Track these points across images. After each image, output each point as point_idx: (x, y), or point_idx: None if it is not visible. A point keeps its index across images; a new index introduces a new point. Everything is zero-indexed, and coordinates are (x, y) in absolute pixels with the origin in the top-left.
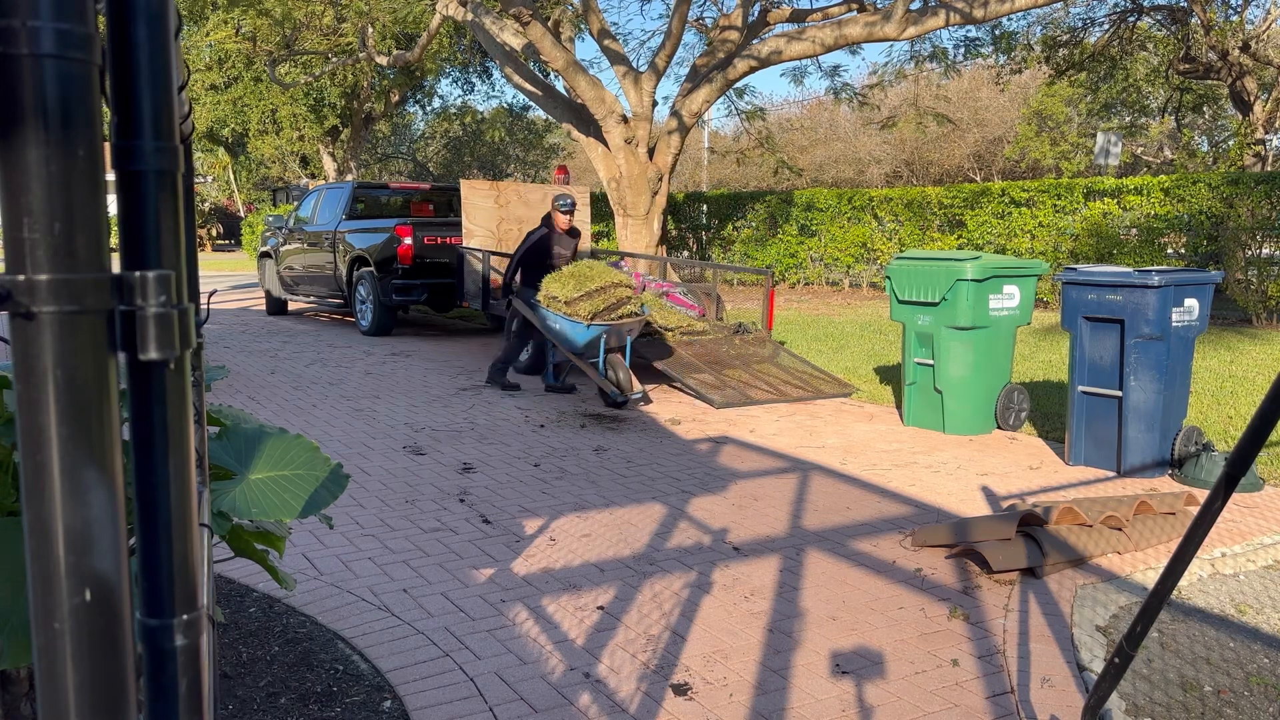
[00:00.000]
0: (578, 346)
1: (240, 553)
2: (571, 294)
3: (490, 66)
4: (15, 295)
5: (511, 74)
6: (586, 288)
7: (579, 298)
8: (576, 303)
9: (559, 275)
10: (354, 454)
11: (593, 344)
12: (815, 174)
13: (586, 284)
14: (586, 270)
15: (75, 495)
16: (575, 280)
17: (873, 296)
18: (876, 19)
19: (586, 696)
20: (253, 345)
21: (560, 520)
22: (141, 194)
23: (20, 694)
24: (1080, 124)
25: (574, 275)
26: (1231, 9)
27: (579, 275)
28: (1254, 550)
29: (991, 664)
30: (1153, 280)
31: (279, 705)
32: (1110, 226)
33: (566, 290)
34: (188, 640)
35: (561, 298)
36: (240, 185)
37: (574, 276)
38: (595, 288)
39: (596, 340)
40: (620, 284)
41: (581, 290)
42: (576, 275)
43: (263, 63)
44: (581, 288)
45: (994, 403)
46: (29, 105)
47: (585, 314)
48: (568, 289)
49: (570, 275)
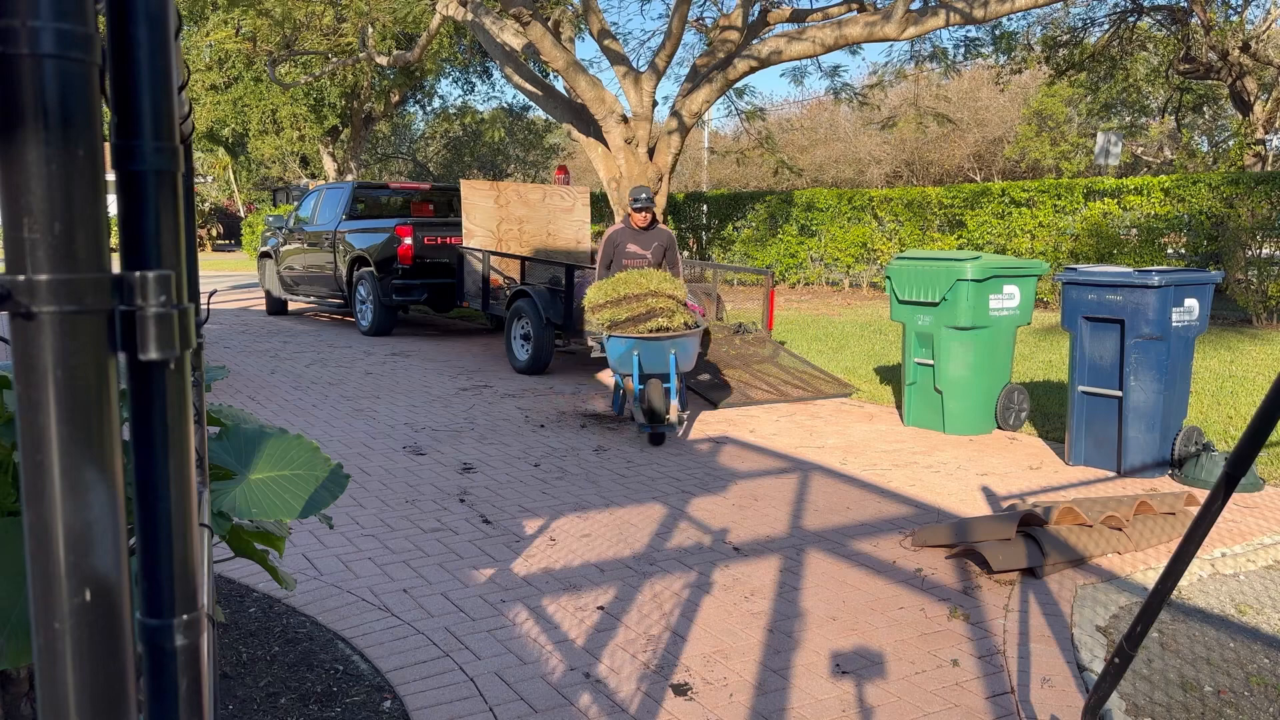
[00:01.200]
0: (611, 361)
1: (240, 553)
2: (598, 299)
3: (490, 66)
4: (15, 295)
5: (511, 74)
6: (615, 294)
7: (604, 304)
8: (600, 309)
9: (604, 280)
10: (354, 454)
11: (624, 359)
12: (815, 174)
13: (619, 289)
14: (633, 277)
15: (75, 495)
16: (611, 285)
17: (873, 296)
18: (877, 19)
19: (587, 696)
20: (253, 345)
21: (560, 520)
22: (141, 194)
23: (20, 694)
24: (1080, 124)
25: (617, 281)
26: (1232, 9)
27: (620, 281)
28: (1254, 550)
29: (992, 664)
30: (1153, 280)
31: (279, 705)
32: (1110, 226)
33: (598, 295)
34: (188, 640)
35: (589, 304)
36: (240, 185)
37: (615, 282)
38: (624, 295)
39: (627, 356)
40: (657, 293)
41: (608, 296)
42: (618, 281)
43: (263, 63)
44: (611, 294)
45: (994, 403)
46: (29, 105)
47: (602, 322)
48: (598, 295)
49: (614, 281)
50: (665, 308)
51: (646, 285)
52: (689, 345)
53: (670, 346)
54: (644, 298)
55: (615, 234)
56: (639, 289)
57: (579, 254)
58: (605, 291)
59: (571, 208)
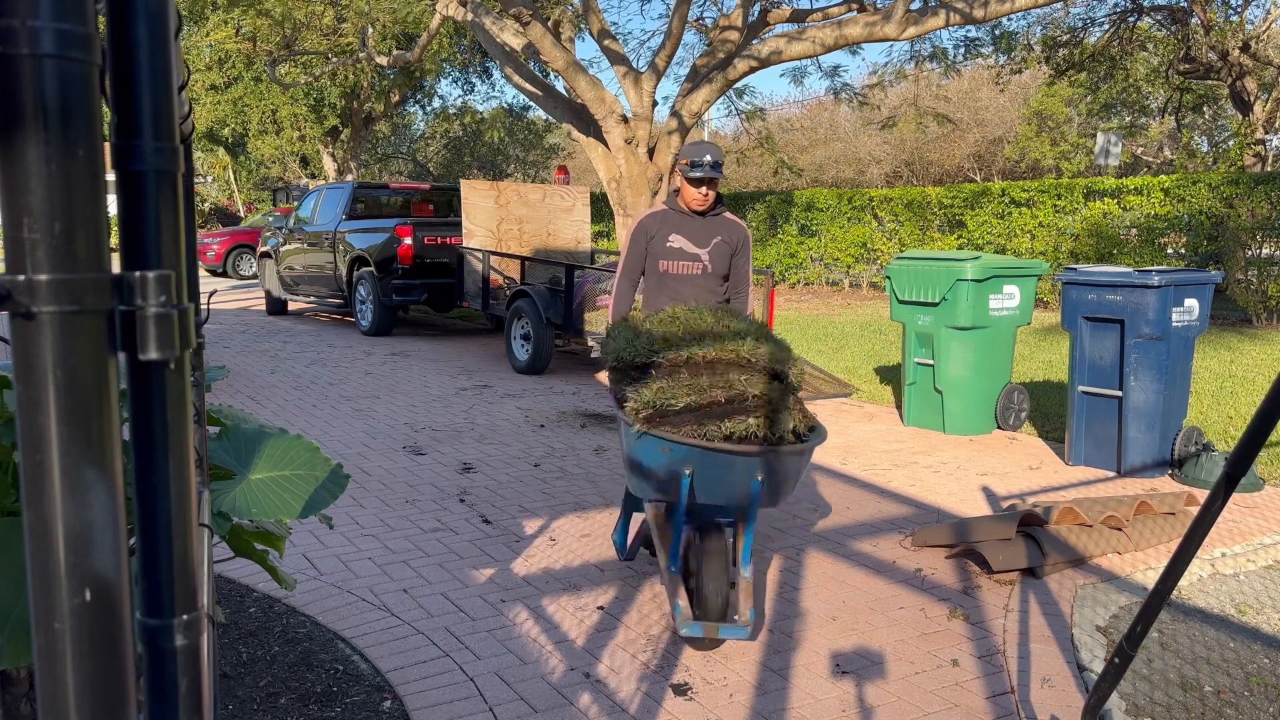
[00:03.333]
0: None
1: (240, 553)
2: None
3: (490, 66)
4: (15, 295)
5: (511, 74)
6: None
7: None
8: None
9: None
10: (354, 454)
11: (660, 479)
12: (815, 174)
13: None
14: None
15: (75, 495)
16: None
17: (873, 296)
18: (877, 19)
19: (587, 696)
20: (253, 345)
21: (560, 520)
22: (141, 194)
23: (20, 694)
24: (1080, 124)
25: (667, 319)
26: (1232, 9)
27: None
28: (1254, 550)
29: (992, 664)
30: (1153, 280)
31: (279, 705)
32: (1110, 226)
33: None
34: (188, 640)
35: (613, 354)
36: (240, 185)
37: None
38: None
39: (669, 474)
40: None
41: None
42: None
43: (263, 63)
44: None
45: (994, 403)
46: (29, 105)
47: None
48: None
49: (664, 319)
50: (758, 394)
51: (732, 346)
52: (795, 468)
53: (758, 468)
54: (726, 368)
55: (650, 221)
56: (719, 350)
57: (579, 254)
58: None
59: (571, 208)
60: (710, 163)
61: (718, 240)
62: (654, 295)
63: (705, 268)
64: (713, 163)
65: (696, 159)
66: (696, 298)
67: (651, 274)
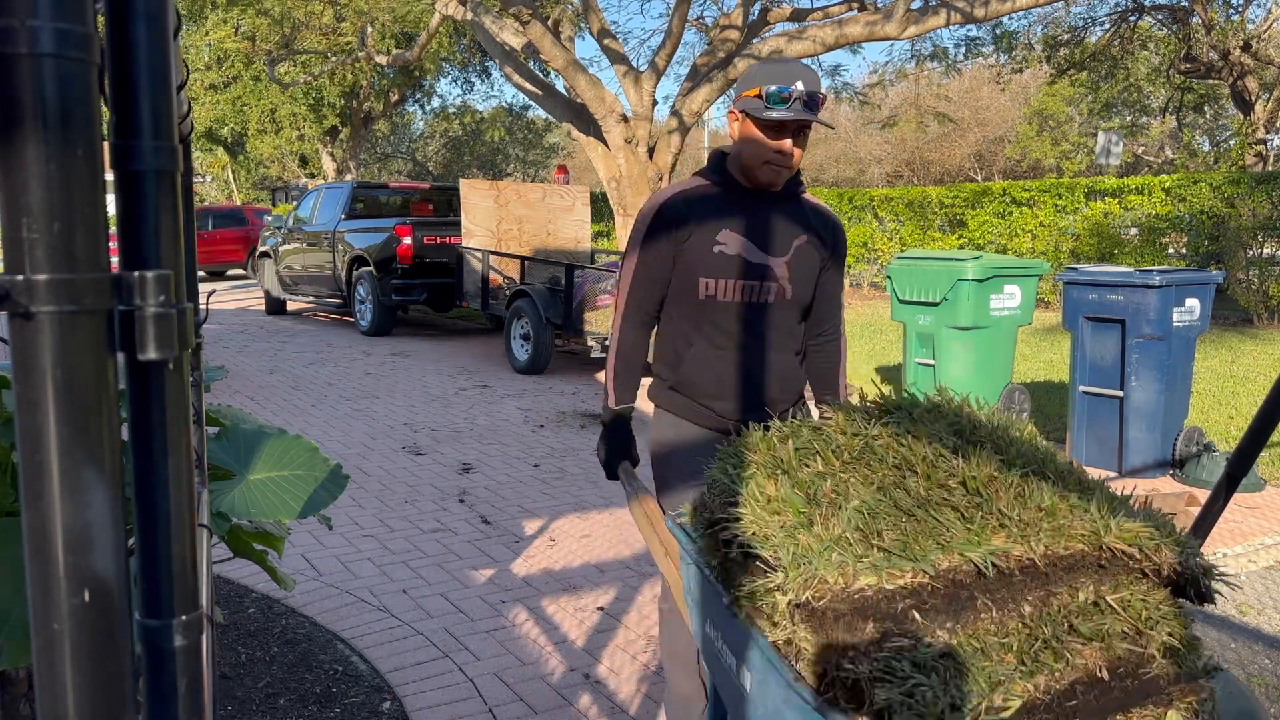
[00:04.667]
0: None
1: (240, 553)
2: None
3: (490, 66)
4: (14, 295)
5: (511, 73)
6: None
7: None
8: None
9: (804, 464)
10: (354, 454)
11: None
12: (815, 174)
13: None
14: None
15: (74, 496)
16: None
17: (873, 296)
18: (877, 18)
19: (586, 697)
20: (252, 345)
21: (560, 520)
22: (141, 194)
23: (20, 694)
24: (1081, 124)
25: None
26: (1233, 8)
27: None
28: (1254, 550)
29: None
30: (1154, 280)
31: (278, 706)
32: (1111, 226)
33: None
34: (187, 641)
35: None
36: (239, 185)
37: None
38: (1005, 562)
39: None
40: (1134, 558)
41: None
42: (886, 468)
43: (262, 62)
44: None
45: (995, 403)
46: (28, 105)
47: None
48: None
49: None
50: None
51: (1082, 527)
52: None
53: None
54: (1072, 577)
55: (677, 204)
56: (1055, 537)
57: (579, 254)
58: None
59: (571, 207)
60: (804, 94)
61: (800, 242)
62: (678, 343)
63: (783, 290)
64: (807, 94)
65: (783, 85)
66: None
67: (680, 303)
